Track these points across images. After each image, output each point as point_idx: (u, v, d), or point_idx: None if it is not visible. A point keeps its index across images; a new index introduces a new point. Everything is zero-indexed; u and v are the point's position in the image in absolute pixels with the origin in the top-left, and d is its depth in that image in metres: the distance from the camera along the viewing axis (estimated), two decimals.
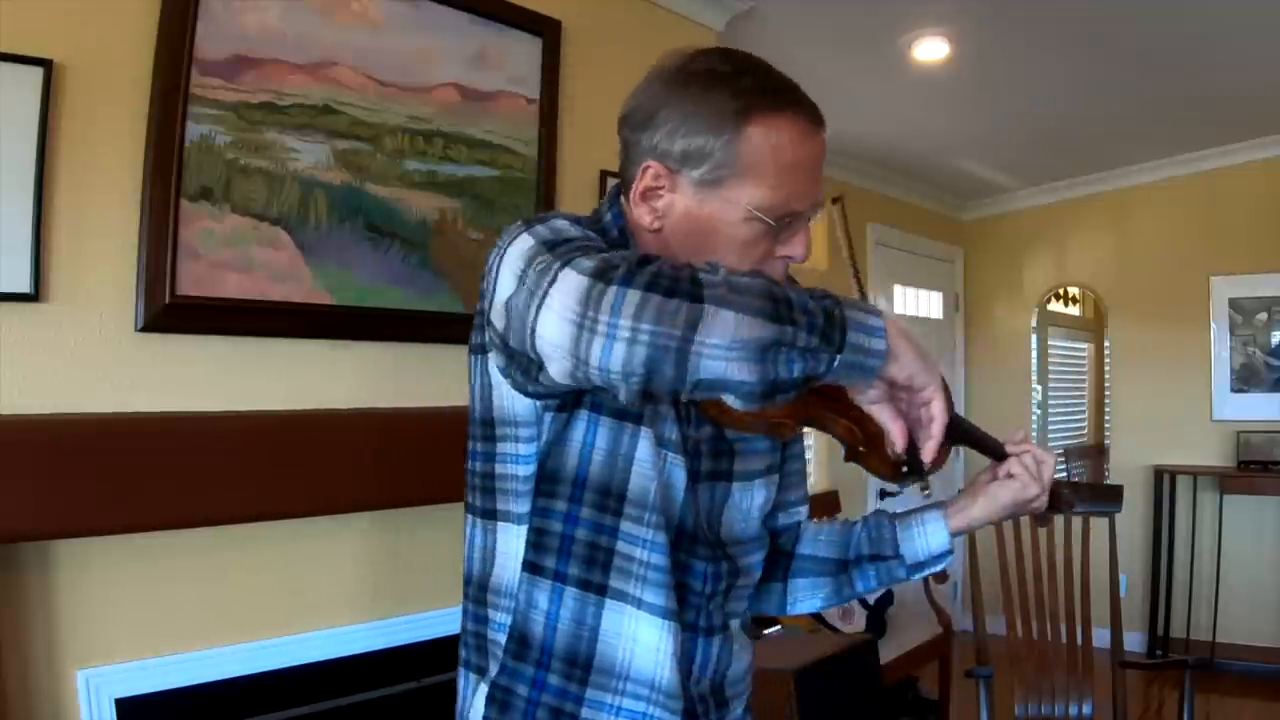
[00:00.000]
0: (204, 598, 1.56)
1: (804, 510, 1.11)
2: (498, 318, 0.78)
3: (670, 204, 0.86)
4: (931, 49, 2.98)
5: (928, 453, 0.79)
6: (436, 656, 1.81)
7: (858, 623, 3.16)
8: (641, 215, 0.88)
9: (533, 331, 0.70)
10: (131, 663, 1.47)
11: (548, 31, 2.08)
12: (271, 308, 1.64)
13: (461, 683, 0.94)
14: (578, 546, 0.85)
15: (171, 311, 1.51)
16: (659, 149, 0.85)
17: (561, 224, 0.80)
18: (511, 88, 2.02)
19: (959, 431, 0.98)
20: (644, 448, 0.85)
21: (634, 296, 0.66)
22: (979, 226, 5.18)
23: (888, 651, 2.90)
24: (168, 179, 1.50)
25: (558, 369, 0.70)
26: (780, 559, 1.08)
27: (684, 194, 0.85)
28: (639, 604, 0.85)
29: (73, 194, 1.43)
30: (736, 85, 0.83)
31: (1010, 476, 0.97)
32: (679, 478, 0.87)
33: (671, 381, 0.67)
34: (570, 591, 0.85)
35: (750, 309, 0.67)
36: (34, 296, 1.38)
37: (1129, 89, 3.41)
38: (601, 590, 0.85)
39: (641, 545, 0.85)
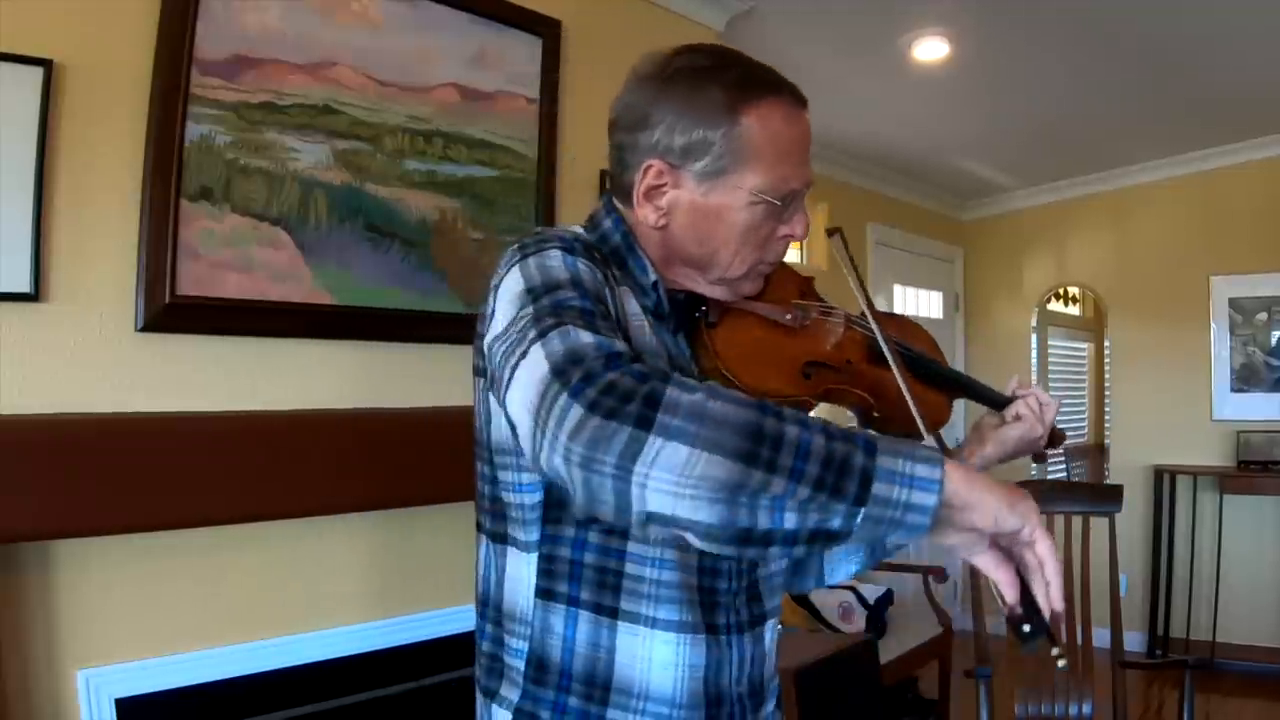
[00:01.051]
0: (204, 598, 1.56)
1: None
2: (488, 354, 0.78)
3: (675, 200, 0.89)
4: (931, 49, 2.98)
5: (1049, 600, 0.70)
6: (436, 656, 1.82)
7: (858, 623, 3.16)
8: (646, 215, 0.90)
9: (503, 401, 0.71)
10: (131, 663, 1.47)
11: (547, 31, 2.09)
12: (271, 308, 1.64)
13: (478, 703, 0.94)
14: (587, 571, 0.84)
15: (171, 311, 1.51)
16: (660, 146, 0.88)
17: (554, 260, 0.79)
18: (511, 88, 2.02)
19: (960, 387, 1.07)
20: None
21: (575, 414, 0.62)
22: (979, 226, 5.18)
23: (888, 651, 2.90)
24: (168, 179, 1.50)
25: (522, 444, 0.68)
26: None
27: (687, 188, 0.88)
28: (653, 623, 0.84)
29: (73, 194, 1.43)
30: (724, 78, 0.87)
31: (1018, 418, 1.04)
32: None
33: (614, 510, 0.63)
34: (584, 615, 0.84)
35: (715, 445, 0.60)
36: (34, 296, 1.38)
37: (1129, 89, 3.41)
38: (614, 614, 0.84)
39: (650, 564, 0.84)
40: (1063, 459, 5.41)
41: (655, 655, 0.84)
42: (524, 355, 0.68)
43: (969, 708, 2.50)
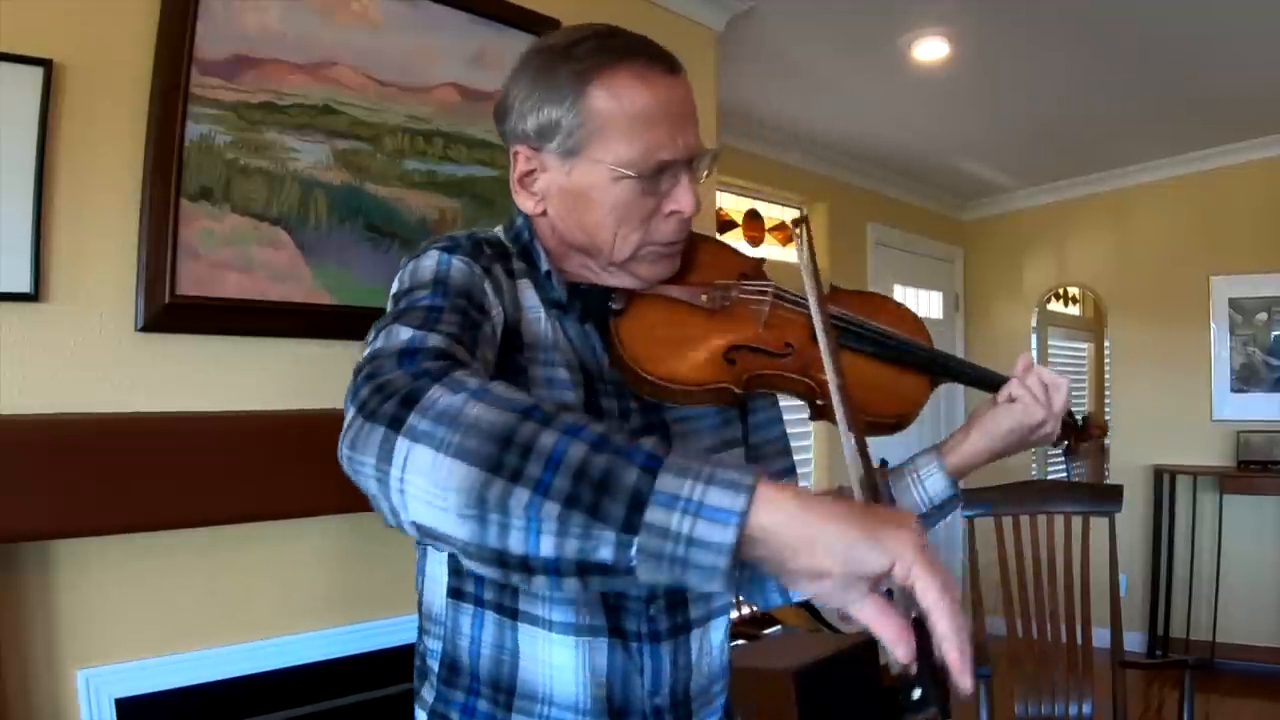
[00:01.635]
0: (204, 598, 1.56)
1: (790, 482, 1.02)
2: None
3: (546, 185, 0.86)
4: (931, 49, 2.98)
5: (949, 655, 0.52)
6: None
7: (858, 623, 3.15)
8: (524, 202, 0.88)
9: None
10: (131, 663, 1.47)
11: (547, 31, 2.08)
12: (271, 308, 1.64)
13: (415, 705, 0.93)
14: None
15: (171, 311, 1.51)
16: (518, 132, 0.86)
17: (428, 261, 0.79)
18: None
19: (940, 367, 0.94)
20: None
21: (349, 414, 0.60)
22: (979, 226, 5.18)
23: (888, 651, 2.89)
24: (168, 179, 1.50)
25: None
26: None
27: (554, 170, 0.85)
28: (550, 625, 0.82)
29: (73, 194, 1.43)
30: (572, 51, 0.83)
31: (1011, 400, 0.89)
32: None
33: (391, 517, 0.58)
34: (490, 615, 0.83)
35: (460, 450, 0.52)
36: (34, 296, 1.38)
37: (1129, 89, 3.41)
38: (514, 615, 0.82)
39: None
40: (1063, 459, 5.41)
41: (555, 659, 0.81)
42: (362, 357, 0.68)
43: (969, 708, 2.50)
